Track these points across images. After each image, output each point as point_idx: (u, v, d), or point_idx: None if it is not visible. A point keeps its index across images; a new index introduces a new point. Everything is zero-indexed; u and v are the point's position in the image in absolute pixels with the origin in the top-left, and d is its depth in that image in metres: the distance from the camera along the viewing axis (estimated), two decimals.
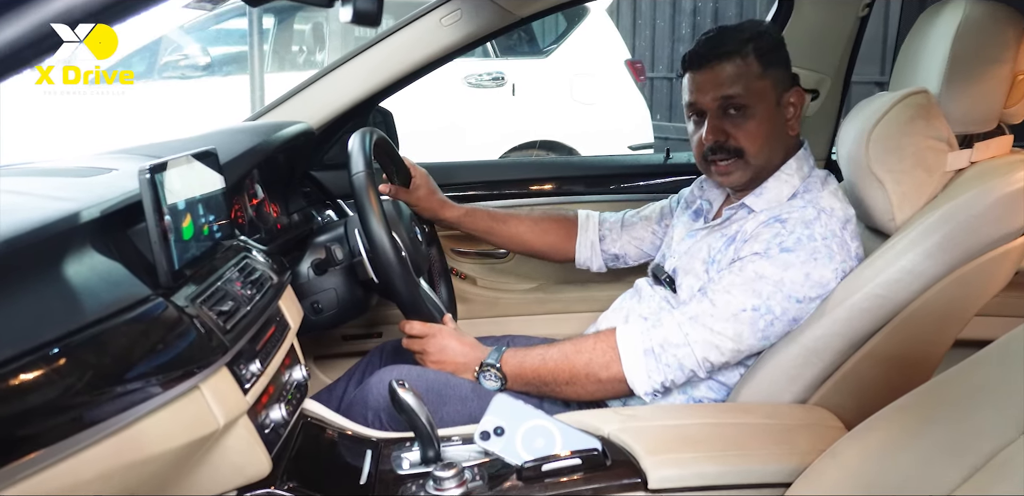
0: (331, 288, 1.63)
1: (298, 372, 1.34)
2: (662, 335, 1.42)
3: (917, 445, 0.93)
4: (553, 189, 2.29)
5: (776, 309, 1.38)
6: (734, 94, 1.47)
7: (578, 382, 1.45)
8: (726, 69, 1.47)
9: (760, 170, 1.52)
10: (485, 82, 5.57)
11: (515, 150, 5.51)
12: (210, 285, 1.12)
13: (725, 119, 1.49)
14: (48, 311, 0.84)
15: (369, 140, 1.53)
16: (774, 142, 1.50)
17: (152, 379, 0.89)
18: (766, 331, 1.39)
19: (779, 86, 1.50)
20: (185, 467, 1.01)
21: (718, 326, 1.39)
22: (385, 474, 1.24)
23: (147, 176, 0.99)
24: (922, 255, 1.32)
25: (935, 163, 1.40)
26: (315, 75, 1.93)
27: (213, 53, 5.75)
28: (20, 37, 0.56)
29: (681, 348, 1.40)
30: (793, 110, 1.52)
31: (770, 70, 1.48)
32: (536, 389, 1.49)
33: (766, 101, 1.48)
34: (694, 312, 1.41)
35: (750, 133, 1.48)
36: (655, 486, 1.13)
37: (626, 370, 1.42)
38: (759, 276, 1.38)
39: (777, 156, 1.52)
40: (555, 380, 1.47)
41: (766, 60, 1.47)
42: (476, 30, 1.83)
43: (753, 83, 1.47)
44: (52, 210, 0.95)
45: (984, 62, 1.38)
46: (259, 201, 1.70)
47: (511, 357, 1.51)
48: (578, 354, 1.46)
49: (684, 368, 1.41)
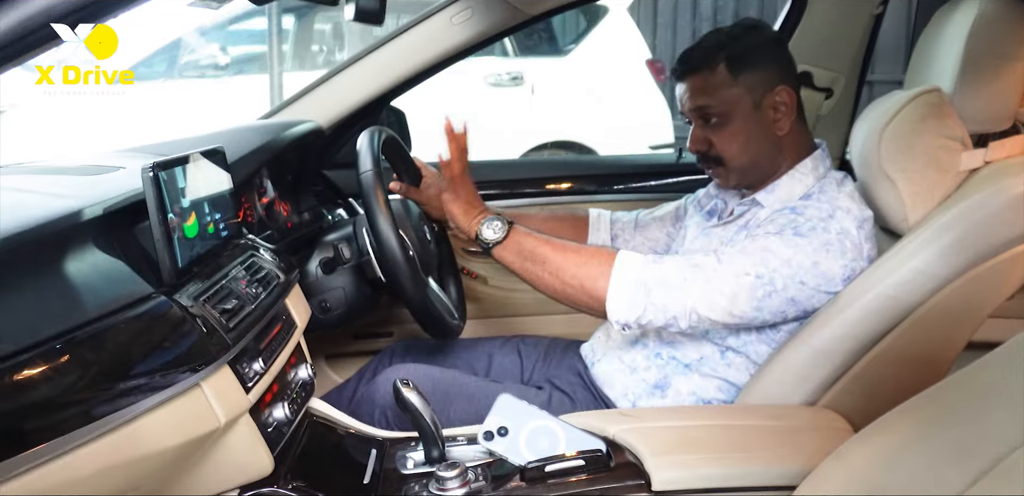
0: (339, 287, 1.63)
1: (304, 371, 1.34)
2: (660, 272, 1.39)
3: (924, 448, 0.92)
4: (565, 188, 2.28)
5: (778, 282, 1.35)
6: (704, 105, 1.48)
7: (562, 277, 1.43)
8: (695, 81, 1.48)
9: (748, 171, 1.51)
10: (504, 81, 5.58)
11: (534, 150, 5.50)
12: (215, 283, 1.12)
13: (706, 128, 1.50)
14: (48, 308, 0.84)
15: (378, 139, 1.53)
16: (755, 145, 1.49)
17: (152, 377, 0.89)
18: (762, 302, 1.36)
19: (756, 89, 1.47)
20: (186, 465, 1.02)
21: (717, 280, 1.36)
22: (389, 473, 1.24)
23: (150, 174, 1.00)
24: (934, 256, 1.30)
25: (948, 162, 1.38)
26: (326, 74, 1.94)
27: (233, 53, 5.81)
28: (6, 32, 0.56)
29: (674, 291, 1.37)
30: (782, 109, 1.48)
31: (743, 76, 1.46)
32: (520, 265, 1.48)
33: (740, 107, 1.47)
34: (700, 261, 1.39)
35: (726, 140, 1.49)
36: (659, 488, 1.12)
37: (610, 292, 1.39)
38: (770, 250, 1.36)
39: (765, 156, 1.50)
40: (544, 264, 1.45)
41: (737, 66, 1.46)
42: (486, 29, 1.83)
43: (723, 91, 1.46)
44: (55, 208, 0.95)
45: (999, 60, 1.36)
46: (270, 200, 1.71)
47: (521, 226, 1.51)
48: (577, 254, 1.44)
49: (668, 312, 1.38)
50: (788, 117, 1.48)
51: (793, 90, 1.49)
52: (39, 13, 0.56)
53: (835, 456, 1.05)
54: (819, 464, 1.08)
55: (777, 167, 1.50)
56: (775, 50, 1.52)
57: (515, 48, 5.76)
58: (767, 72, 1.47)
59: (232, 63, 5.79)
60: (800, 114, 1.52)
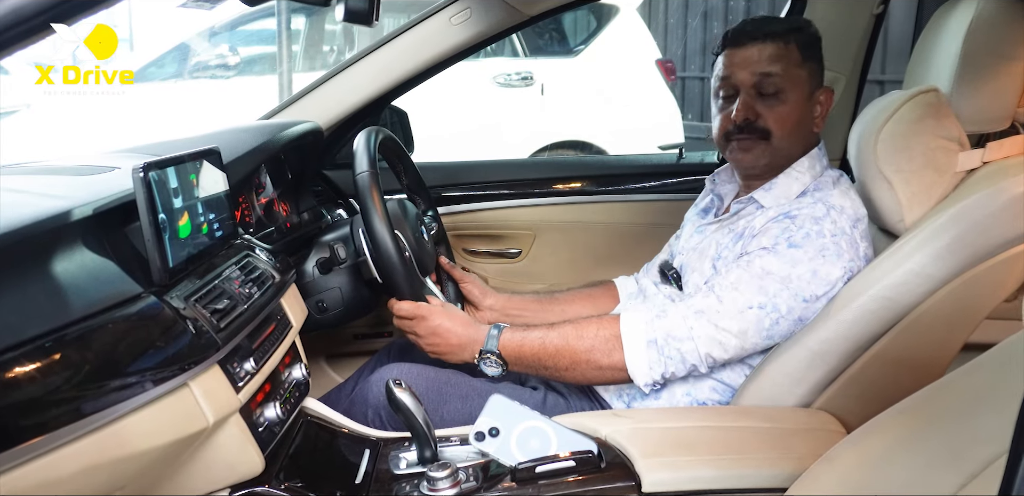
0: (336, 287, 1.63)
1: (299, 371, 1.34)
2: (666, 327, 1.39)
3: (914, 450, 0.91)
4: (565, 189, 2.28)
5: (782, 307, 1.36)
6: (774, 73, 1.47)
7: (578, 368, 1.42)
8: (768, 49, 1.48)
9: (778, 158, 1.51)
10: (514, 82, 5.57)
11: (544, 150, 5.50)
12: (207, 283, 1.12)
13: (758, 100, 1.49)
14: (34, 307, 0.85)
15: (375, 139, 1.53)
16: (800, 133, 1.51)
17: (138, 376, 0.89)
18: (771, 330, 1.37)
19: (814, 80, 1.51)
20: (175, 464, 1.02)
21: (723, 323, 1.37)
22: (382, 473, 1.24)
23: (140, 175, 1.00)
24: (930, 257, 1.29)
25: (945, 163, 1.37)
26: (326, 75, 1.94)
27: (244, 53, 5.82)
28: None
29: (685, 342, 1.38)
30: (820, 108, 1.53)
31: (809, 62, 1.50)
32: (535, 371, 1.47)
33: (801, 90, 1.49)
34: (700, 306, 1.39)
35: (781, 117, 1.49)
36: (648, 490, 1.12)
37: (628, 360, 1.40)
38: (766, 272, 1.37)
39: (797, 149, 1.52)
40: (555, 365, 1.44)
41: (806, 52, 1.49)
42: (486, 29, 1.83)
43: (792, 69, 1.48)
44: (44, 208, 0.96)
45: (997, 59, 1.34)
46: (269, 200, 1.71)
47: (509, 340, 1.45)
48: (580, 339, 1.43)
49: (686, 362, 1.39)
50: (823, 117, 1.53)
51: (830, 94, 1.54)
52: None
53: (825, 458, 1.05)
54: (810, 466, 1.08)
55: (790, 161, 1.51)
56: (821, 53, 1.55)
57: (524, 48, 5.76)
58: (820, 69, 1.53)
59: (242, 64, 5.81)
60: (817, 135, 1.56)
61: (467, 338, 1.47)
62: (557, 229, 2.24)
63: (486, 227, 2.25)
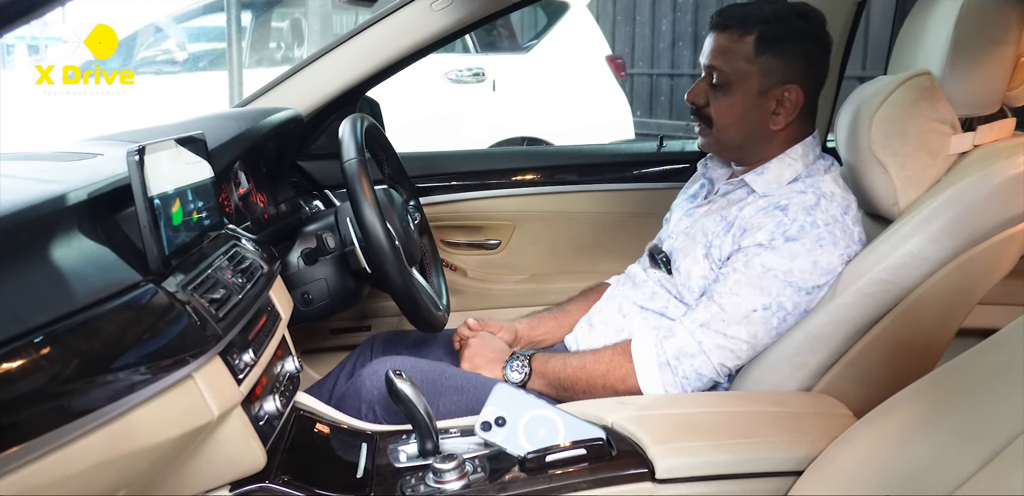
0: (322, 278, 1.59)
1: (290, 364, 1.30)
2: (676, 346, 1.40)
3: (932, 430, 0.91)
4: (546, 179, 2.26)
5: (788, 305, 1.36)
6: (716, 66, 1.47)
7: (595, 392, 1.44)
8: (721, 40, 1.47)
9: (725, 148, 1.54)
10: (465, 78, 5.54)
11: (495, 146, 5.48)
12: (200, 272, 1.08)
13: (710, 87, 1.50)
14: (37, 296, 0.80)
15: (361, 127, 1.49)
16: (746, 126, 1.49)
17: (144, 368, 0.85)
18: (780, 327, 1.38)
19: (770, 76, 1.45)
20: (178, 460, 0.97)
21: (731, 330, 1.37)
22: (382, 468, 1.21)
23: (136, 158, 0.95)
24: (928, 239, 1.30)
25: (939, 146, 1.38)
26: (302, 62, 1.89)
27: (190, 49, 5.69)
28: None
29: (697, 357, 1.39)
30: (778, 105, 1.46)
31: (765, 58, 1.44)
32: (555, 392, 1.49)
33: (746, 85, 1.46)
34: (704, 318, 1.39)
35: (723, 109, 1.49)
36: (663, 476, 1.10)
37: (642, 385, 1.41)
38: (766, 270, 1.36)
39: (752, 141, 1.50)
40: (573, 387, 1.47)
41: (764, 47, 1.44)
42: (467, 15, 1.79)
43: (738, 64, 1.45)
44: (39, 192, 0.91)
45: (987, 44, 1.36)
46: (246, 190, 1.66)
47: (539, 356, 1.53)
48: (596, 364, 1.46)
49: (703, 378, 1.40)
50: (787, 116, 1.47)
51: (804, 92, 1.47)
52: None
53: (842, 440, 1.04)
54: (824, 449, 1.08)
55: (764, 155, 1.50)
56: (809, 48, 1.48)
57: (476, 44, 5.73)
58: (789, 65, 1.45)
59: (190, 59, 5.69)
60: (805, 116, 1.51)
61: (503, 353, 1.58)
62: (537, 219, 2.22)
63: (464, 218, 2.22)
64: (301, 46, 5.92)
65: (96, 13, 4.92)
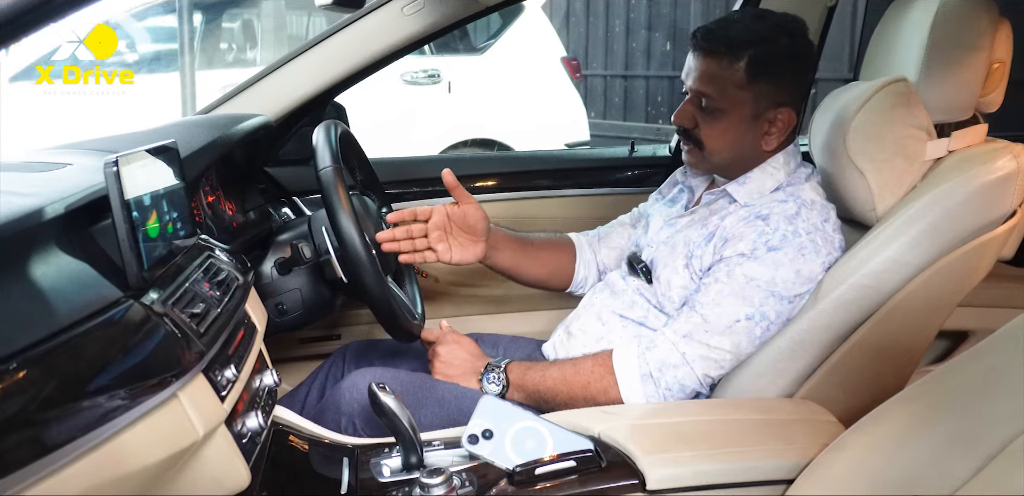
0: (296, 288, 1.56)
1: (268, 377, 1.27)
2: (658, 357, 1.39)
3: (926, 436, 0.91)
4: (518, 184, 2.24)
5: (771, 314, 1.36)
6: (707, 93, 1.44)
7: (576, 404, 1.42)
8: (710, 66, 1.43)
9: (722, 166, 1.51)
10: (421, 79, 5.51)
11: (452, 148, 5.46)
12: (179, 286, 1.04)
13: (698, 110, 1.46)
14: (18, 315, 0.76)
15: (335, 133, 1.46)
16: (738, 148, 1.47)
17: (128, 388, 0.82)
18: (763, 337, 1.38)
19: (762, 101, 1.43)
20: (161, 482, 0.94)
21: (714, 341, 1.37)
22: (366, 482, 1.18)
23: (113, 169, 0.91)
24: (908, 244, 1.31)
25: (915, 152, 1.40)
26: (270, 66, 1.84)
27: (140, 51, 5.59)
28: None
29: (680, 368, 1.38)
30: (770, 126, 1.45)
31: (756, 83, 1.41)
32: (534, 403, 1.46)
33: (740, 111, 1.43)
34: (687, 329, 1.38)
35: (714, 134, 1.46)
36: (654, 486, 1.09)
37: (624, 396, 1.40)
38: (749, 279, 1.36)
39: (743, 161, 1.49)
40: (553, 399, 1.44)
41: (756, 72, 1.41)
42: (440, 19, 1.76)
43: (731, 90, 1.42)
44: (16, 206, 0.87)
45: (962, 50, 1.37)
46: (214, 199, 1.61)
47: (515, 366, 1.49)
48: (576, 375, 1.44)
49: (686, 389, 1.39)
50: (780, 136, 1.47)
51: (795, 112, 1.46)
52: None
53: (834, 447, 1.04)
54: (815, 456, 1.07)
55: (750, 168, 1.49)
56: (799, 66, 1.47)
57: (431, 46, 5.70)
58: (780, 87, 1.44)
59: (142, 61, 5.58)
60: (792, 134, 1.51)
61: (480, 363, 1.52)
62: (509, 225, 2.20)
63: None
64: (254, 48, 5.84)
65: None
